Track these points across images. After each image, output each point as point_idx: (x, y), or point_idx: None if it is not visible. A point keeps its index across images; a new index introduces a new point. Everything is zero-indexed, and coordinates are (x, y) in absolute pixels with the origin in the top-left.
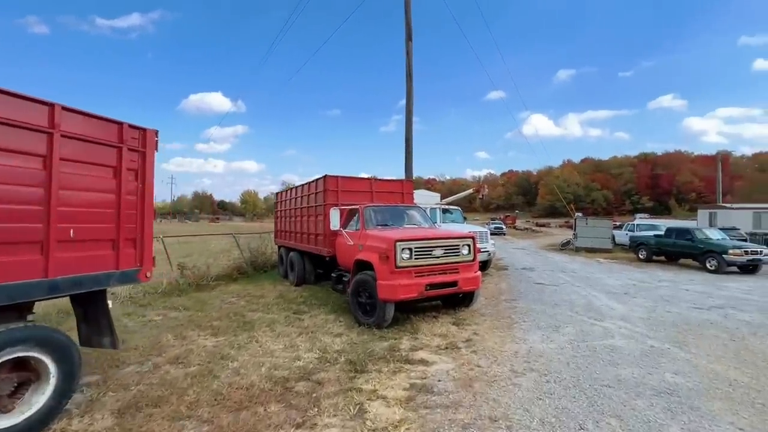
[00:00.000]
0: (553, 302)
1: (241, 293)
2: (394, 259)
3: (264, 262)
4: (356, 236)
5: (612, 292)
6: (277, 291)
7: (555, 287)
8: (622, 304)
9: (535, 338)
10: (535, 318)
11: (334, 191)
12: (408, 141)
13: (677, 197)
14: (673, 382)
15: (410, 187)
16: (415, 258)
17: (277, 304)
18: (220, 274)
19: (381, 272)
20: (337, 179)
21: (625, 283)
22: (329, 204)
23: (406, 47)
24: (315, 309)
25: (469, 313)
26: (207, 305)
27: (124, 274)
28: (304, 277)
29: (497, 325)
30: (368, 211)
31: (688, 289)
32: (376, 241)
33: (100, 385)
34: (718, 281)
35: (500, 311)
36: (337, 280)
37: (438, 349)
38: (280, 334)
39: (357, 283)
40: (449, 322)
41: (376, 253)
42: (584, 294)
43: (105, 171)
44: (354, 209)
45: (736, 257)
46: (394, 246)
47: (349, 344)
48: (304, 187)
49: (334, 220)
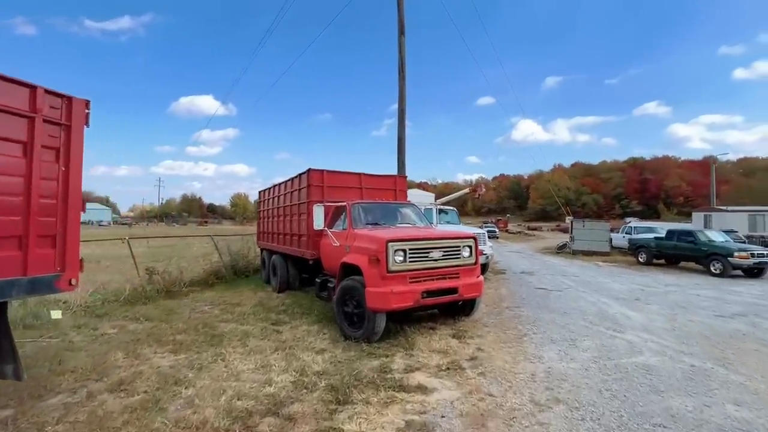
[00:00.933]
0: (561, 310)
1: (216, 300)
2: (386, 263)
3: (245, 266)
4: (343, 237)
5: (621, 297)
6: (257, 298)
7: (559, 293)
8: (638, 311)
9: (552, 355)
10: (546, 329)
11: (319, 187)
12: (401, 140)
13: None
14: (741, 417)
15: (403, 183)
16: (410, 261)
17: (254, 314)
18: (195, 279)
19: (370, 277)
20: (322, 173)
21: (632, 287)
22: (313, 201)
23: (399, 42)
24: (297, 319)
25: (470, 323)
26: (174, 315)
27: (35, 282)
28: (288, 282)
29: (504, 339)
30: (356, 208)
31: (699, 294)
32: (365, 242)
33: (7, 426)
34: (725, 285)
35: (504, 321)
36: (321, 286)
37: (438, 370)
38: (253, 350)
39: (343, 290)
40: (448, 335)
41: (365, 256)
42: (592, 300)
43: (8, 147)
44: (341, 206)
45: (742, 260)
46: (386, 247)
47: (332, 363)
48: (287, 183)
49: (317, 218)
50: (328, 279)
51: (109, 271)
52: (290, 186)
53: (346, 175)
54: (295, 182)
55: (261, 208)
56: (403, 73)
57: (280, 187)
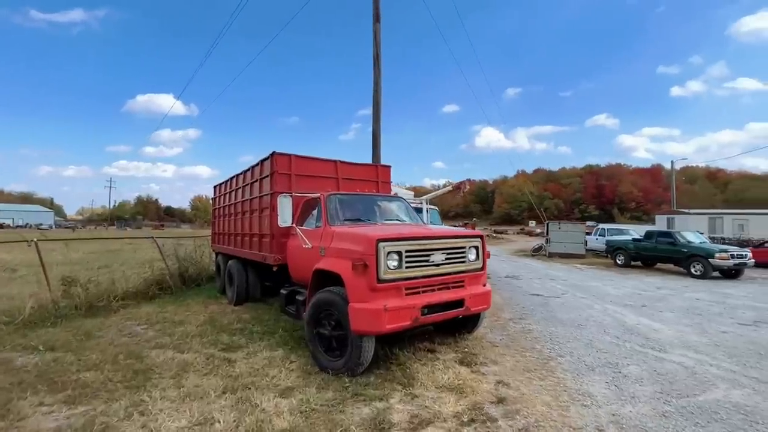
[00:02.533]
0: (573, 321)
1: (155, 318)
2: (376, 269)
3: (197, 273)
4: (316, 236)
5: (627, 304)
6: (207, 313)
7: (557, 299)
8: (658, 321)
9: (603, 391)
10: (571, 349)
11: (286, 175)
12: (375, 135)
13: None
14: None
15: (387, 173)
16: (407, 266)
17: (200, 335)
18: (131, 290)
19: (355, 289)
20: (289, 158)
21: (627, 292)
22: (278, 192)
23: (374, 30)
24: (255, 341)
25: (474, 341)
26: (91, 340)
27: None
28: (246, 292)
29: (526, 365)
30: (333, 200)
31: (698, 299)
32: (348, 242)
33: None
34: (715, 287)
35: (515, 338)
36: (288, 299)
37: (459, 424)
38: (191, 393)
39: (317, 305)
40: (454, 360)
41: (348, 260)
42: (600, 308)
43: None
44: (313, 199)
45: (722, 261)
46: (376, 248)
47: (303, 414)
48: (246, 174)
49: (283, 212)
50: (297, 290)
51: (21, 282)
52: (250, 176)
53: (319, 162)
54: (255, 171)
55: (216, 206)
56: (378, 63)
57: (238, 178)
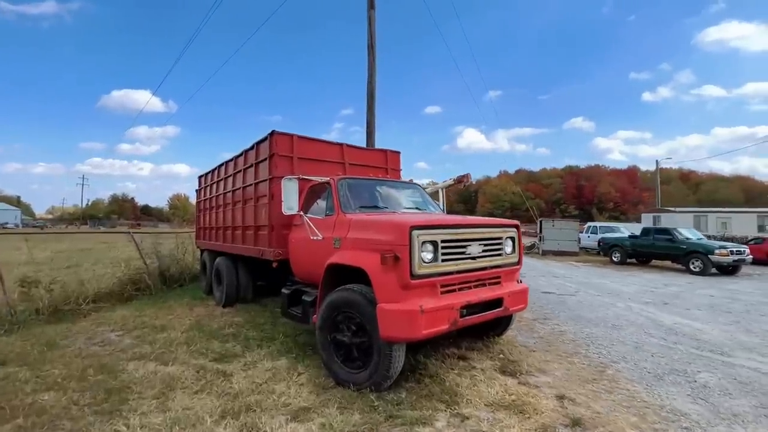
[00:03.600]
0: (604, 321)
1: (131, 323)
2: (410, 262)
3: (179, 272)
4: (327, 225)
5: (647, 301)
6: (194, 316)
7: (572, 297)
8: (695, 320)
9: (695, 408)
10: (622, 353)
11: (287, 158)
12: (369, 126)
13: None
14: None
15: (397, 160)
16: (443, 259)
17: (187, 343)
18: (103, 291)
19: (384, 287)
20: (291, 139)
21: (639, 289)
22: (279, 177)
23: (368, 16)
24: (253, 349)
25: (507, 345)
26: (53, 351)
27: None
28: (237, 293)
29: (581, 374)
30: (345, 185)
31: (712, 295)
32: (373, 230)
33: None
34: (719, 284)
35: (550, 341)
36: (291, 299)
37: None
38: (180, 419)
39: (334, 306)
40: (493, 369)
41: (374, 252)
42: (623, 306)
43: None
44: (320, 184)
45: (722, 257)
46: (410, 236)
47: None
48: (238, 159)
49: (289, 197)
50: (302, 289)
51: None
52: (242, 162)
53: (324, 145)
54: (249, 155)
55: (201, 198)
56: (372, 52)
57: (227, 165)
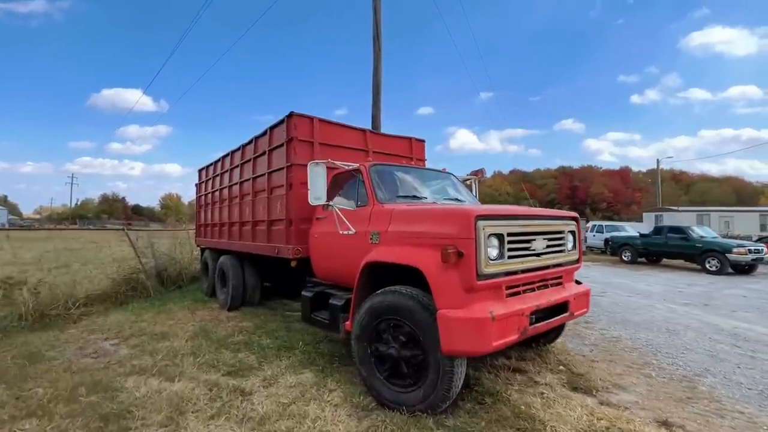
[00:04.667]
0: (651, 324)
1: (128, 330)
2: (476, 259)
3: (177, 273)
4: (361, 218)
5: (686, 302)
6: (197, 321)
7: (602, 298)
8: (753, 324)
9: None
10: (701, 364)
11: (307, 143)
12: (375, 120)
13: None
14: None
15: (422, 149)
16: (509, 255)
17: (194, 353)
18: (96, 294)
19: (446, 289)
20: (311, 122)
21: (665, 289)
22: (298, 165)
23: (373, 4)
24: (271, 360)
25: (562, 354)
26: (38, 364)
27: None
28: (244, 295)
29: (669, 391)
30: (379, 172)
31: (745, 295)
32: (427, 222)
33: None
34: (741, 283)
35: (609, 349)
36: (314, 302)
37: None
38: None
39: (376, 312)
40: (560, 384)
41: (429, 247)
42: (664, 308)
43: None
44: (346, 173)
45: (740, 256)
46: (476, 228)
47: None
48: (246, 148)
49: (316, 185)
50: (327, 291)
51: None
52: (253, 149)
53: (346, 130)
54: (262, 142)
55: (202, 192)
56: (378, 42)
57: (233, 156)
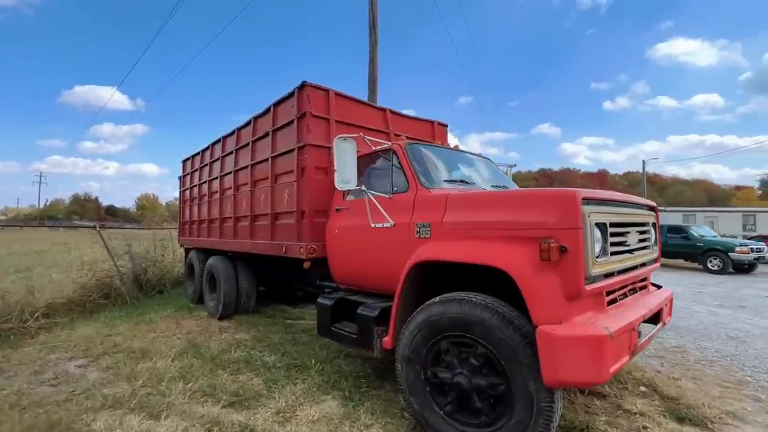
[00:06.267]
0: (707, 330)
1: (99, 346)
2: (584, 256)
3: (158, 276)
4: (401, 207)
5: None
6: (184, 334)
7: None
8: None
9: None
10: None
11: (322, 120)
12: None
13: None
14: None
15: (444, 134)
16: (612, 252)
17: (183, 376)
18: (58, 301)
19: (545, 296)
20: (327, 95)
21: (684, 290)
22: (312, 145)
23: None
24: (282, 383)
25: (632, 370)
26: None
27: None
28: (237, 301)
29: None
30: (419, 152)
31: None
32: (508, 207)
33: None
34: (752, 283)
35: (675, 360)
36: (335, 312)
37: None
38: None
39: (435, 328)
40: (659, 413)
41: (515, 241)
42: (705, 311)
43: None
44: (373, 154)
45: (743, 255)
46: (582, 216)
47: None
48: (243, 131)
49: (346, 165)
50: (350, 298)
51: None
52: (251, 132)
53: (365, 108)
54: (263, 122)
55: (187, 186)
56: (374, 32)
57: (226, 141)
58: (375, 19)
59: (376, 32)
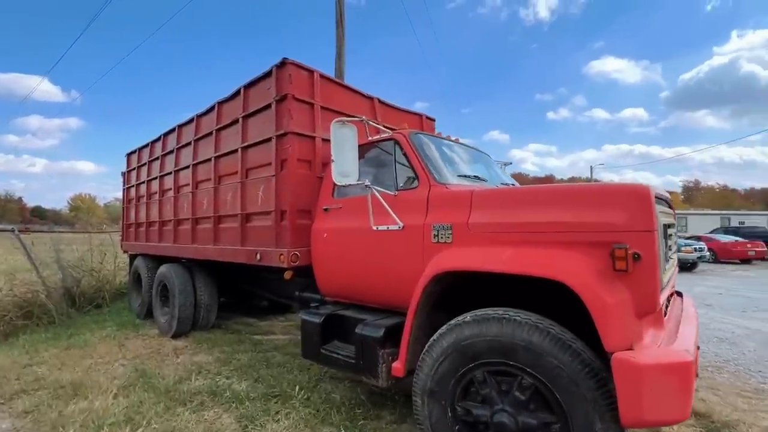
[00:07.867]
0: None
1: (14, 382)
2: (659, 264)
3: (96, 288)
4: (411, 205)
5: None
6: (129, 359)
7: None
8: None
9: None
10: None
11: (306, 105)
12: None
13: None
14: None
15: (432, 129)
16: (668, 258)
17: (130, 419)
18: None
19: (618, 315)
20: (312, 76)
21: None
22: (295, 133)
23: None
24: (262, 421)
25: None
26: None
27: None
28: (195, 316)
29: None
30: (424, 142)
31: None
32: (560, 205)
33: None
34: (699, 281)
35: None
36: (326, 332)
37: None
38: None
39: (467, 353)
40: None
41: (571, 247)
42: (719, 317)
43: None
44: (370, 144)
45: (687, 255)
46: (654, 215)
47: None
48: (204, 118)
49: (346, 156)
50: (345, 314)
51: None
52: (216, 119)
53: (352, 95)
54: (229, 107)
55: (133, 183)
56: (342, 25)
57: (182, 131)
58: (342, 13)
59: (343, 26)
